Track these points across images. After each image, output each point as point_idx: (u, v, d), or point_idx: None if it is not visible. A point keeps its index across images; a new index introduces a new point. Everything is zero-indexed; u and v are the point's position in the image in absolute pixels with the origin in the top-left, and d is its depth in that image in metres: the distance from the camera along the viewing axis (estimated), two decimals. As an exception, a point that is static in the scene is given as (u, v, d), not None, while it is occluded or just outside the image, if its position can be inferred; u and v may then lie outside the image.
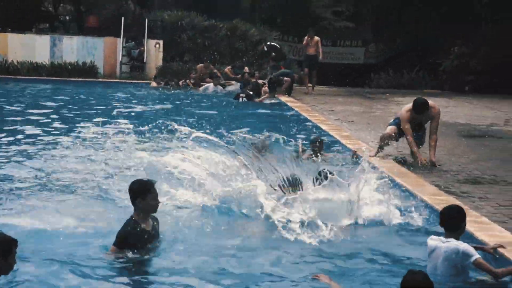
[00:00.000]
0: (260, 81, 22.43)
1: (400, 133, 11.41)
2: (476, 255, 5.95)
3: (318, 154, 11.32)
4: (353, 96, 23.31)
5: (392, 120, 11.79)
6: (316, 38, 23.75)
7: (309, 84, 23.80)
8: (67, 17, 35.73)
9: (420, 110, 11.15)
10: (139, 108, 18.58)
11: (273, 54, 24.83)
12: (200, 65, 24.94)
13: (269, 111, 18.70)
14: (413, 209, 8.28)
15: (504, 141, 13.86)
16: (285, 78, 22.24)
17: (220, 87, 23.27)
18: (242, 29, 27.45)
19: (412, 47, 37.37)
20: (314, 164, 9.42)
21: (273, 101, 20.62)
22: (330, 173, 8.22)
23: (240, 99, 20.49)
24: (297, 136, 14.12)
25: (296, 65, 27.95)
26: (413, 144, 11.13)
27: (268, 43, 25.93)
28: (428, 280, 4.82)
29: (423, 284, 4.78)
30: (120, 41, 26.81)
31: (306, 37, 23.69)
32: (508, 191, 9.24)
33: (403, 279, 4.83)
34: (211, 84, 23.32)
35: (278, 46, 26.31)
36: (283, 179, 8.31)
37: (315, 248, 7.01)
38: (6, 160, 10.74)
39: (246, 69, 24.48)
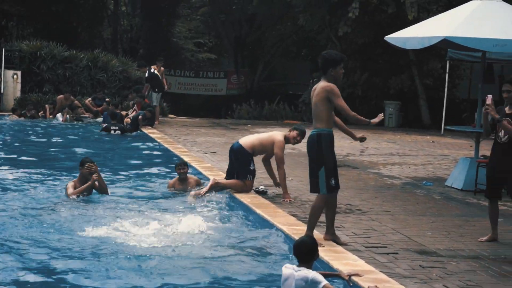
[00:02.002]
0: (123, 113, 22.21)
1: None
2: (324, 282, 6.16)
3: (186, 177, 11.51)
4: (216, 127, 23.52)
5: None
6: (163, 68, 23.94)
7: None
8: None
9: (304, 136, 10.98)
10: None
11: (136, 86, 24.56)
12: (60, 96, 24.46)
13: (132, 143, 18.54)
14: (271, 238, 8.48)
15: (360, 171, 14.36)
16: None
17: (67, 117, 22.85)
18: (104, 60, 27.17)
19: (273, 79, 38.23)
20: None
21: (135, 133, 20.44)
22: None
23: (112, 132, 19.95)
24: (159, 167, 14.18)
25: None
26: (285, 178, 10.86)
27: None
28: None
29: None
30: (-25, 72, 25.90)
31: (154, 66, 23.51)
32: (363, 220, 9.57)
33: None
34: (59, 114, 23.01)
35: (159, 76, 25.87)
36: None
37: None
38: None
39: (108, 100, 24.22)
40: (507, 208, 10.80)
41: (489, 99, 8.45)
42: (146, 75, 23.11)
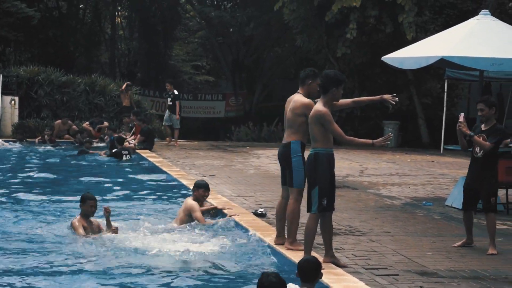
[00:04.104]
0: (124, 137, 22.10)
1: None
2: None
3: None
4: (214, 149, 23.47)
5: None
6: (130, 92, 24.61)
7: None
8: None
9: None
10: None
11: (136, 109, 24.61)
12: (58, 121, 24.44)
13: (129, 167, 18.47)
14: (271, 262, 8.41)
15: (359, 192, 14.29)
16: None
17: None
18: (101, 84, 27.15)
19: (271, 100, 38.22)
20: None
21: (133, 155, 20.34)
22: None
23: (124, 157, 19.66)
24: (156, 193, 14.10)
25: (157, 119, 27.93)
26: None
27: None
28: (280, 280, 5.72)
29: (277, 283, 5.68)
30: (-27, 98, 25.86)
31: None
32: (363, 241, 9.50)
33: (258, 282, 5.67)
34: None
35: None
36: None
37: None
38: None
39: (106, 123, 24.18)
40: (507, 228, 10.76)
41: (461, 116, 9.12)
42: (176, 92, 23.60)
